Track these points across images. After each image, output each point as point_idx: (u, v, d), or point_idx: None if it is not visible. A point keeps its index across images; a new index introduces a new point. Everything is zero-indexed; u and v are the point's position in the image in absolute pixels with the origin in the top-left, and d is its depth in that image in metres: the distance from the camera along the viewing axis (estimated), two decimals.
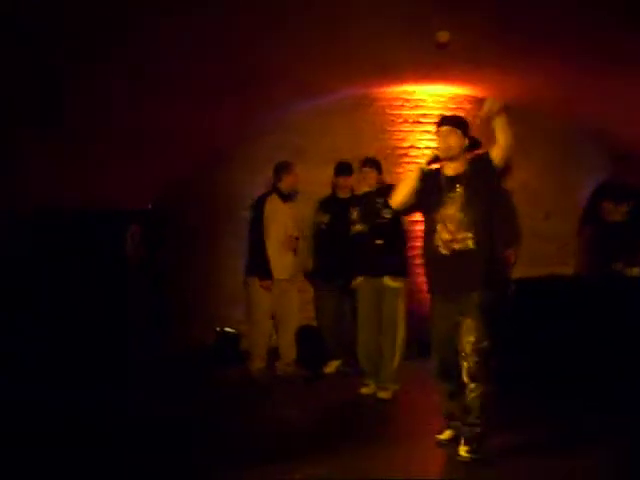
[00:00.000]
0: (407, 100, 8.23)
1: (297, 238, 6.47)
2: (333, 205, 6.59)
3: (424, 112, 8.26)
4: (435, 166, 4.21)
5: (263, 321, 6.35)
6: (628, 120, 7.34)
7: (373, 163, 5.65)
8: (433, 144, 8.07)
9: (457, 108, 8.28)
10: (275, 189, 6.47)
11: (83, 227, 6.17)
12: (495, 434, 4.01)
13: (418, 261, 7.84)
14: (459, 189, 4.03)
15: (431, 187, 4.15)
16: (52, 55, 4.51)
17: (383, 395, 5.46)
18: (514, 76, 7.17)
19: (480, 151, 4.40)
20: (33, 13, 3.96)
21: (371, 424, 4.87)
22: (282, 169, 6.48)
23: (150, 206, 6.96)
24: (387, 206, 5.00)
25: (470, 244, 3.97)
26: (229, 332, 7.22)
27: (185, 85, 5.82)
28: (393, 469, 3.79)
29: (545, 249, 7.37)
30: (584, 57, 6.20)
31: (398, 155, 8.22)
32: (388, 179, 7.95)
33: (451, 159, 4.11)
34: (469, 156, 4.18)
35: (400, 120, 8.24)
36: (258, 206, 6.40)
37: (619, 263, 5.62)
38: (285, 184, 6.43)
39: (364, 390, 5.60)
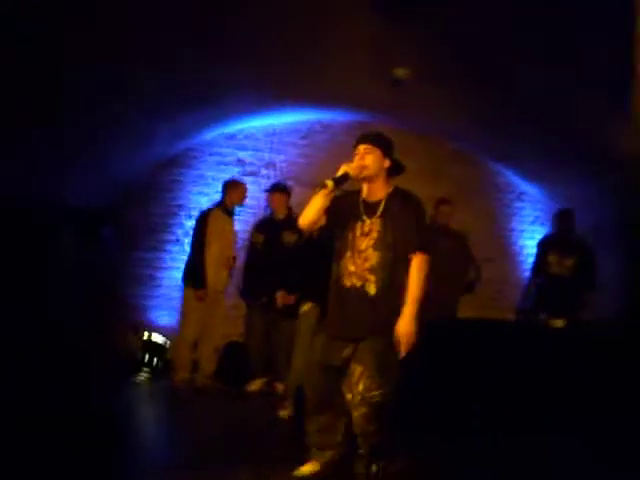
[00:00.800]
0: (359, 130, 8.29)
1: (234, 257, 6.62)
2: (268, 226, 6.69)
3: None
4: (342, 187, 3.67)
5: (190, 331, 6.39)
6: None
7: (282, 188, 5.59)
8: None
9: (411, 145, 8.40)
10: (221, 204, 6.57)
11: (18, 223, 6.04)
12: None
13: None
14: (376, 220, 3.63)
15: (346, 209, 3.72)
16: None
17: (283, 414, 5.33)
18: (465, 117, 7.33)
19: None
20: None
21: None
22: (230, 185, 6.65)
23: (88, 205, 6.85)
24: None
25: (372, 289, 3.58)
26: (155, 342, 7.12)
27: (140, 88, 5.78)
28: None
29: (481, 293, 7.49)
30: (534, 102, 6.36)
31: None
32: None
33: (366, 180, 3.69)
34: (391, 184, 3.74)
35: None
36: (202, 219, 6.50)
37: (544, 313, 5.79)
38: (230, 199, 6.56)
39: (282, 413, 5.33)
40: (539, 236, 7.72)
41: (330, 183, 3.56)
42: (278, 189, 6.40)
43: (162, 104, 6.10)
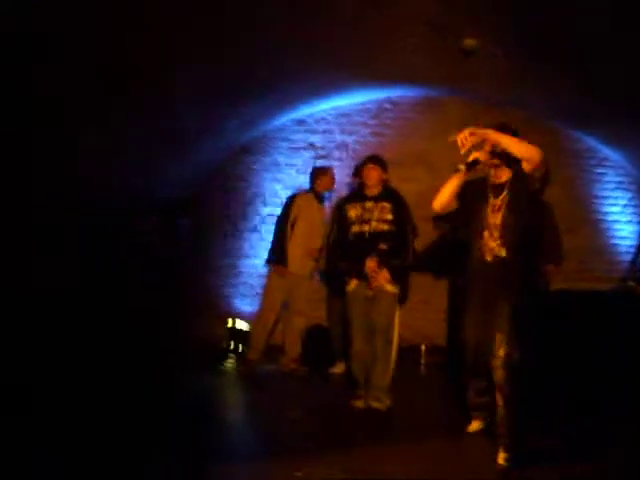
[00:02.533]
0: (431, 106, 8.19)
1: (321, 249, 6.64)
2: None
3: (447, 118, 8.21)
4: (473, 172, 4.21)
5: (269, 312, 6.53)
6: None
7: (376, 160, 5.25)
8: (453, 150, 8.20)
9: (481, 117, 8.23)
10: (311, 189, 6.72)
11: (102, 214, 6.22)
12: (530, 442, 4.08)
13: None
14: (504, 198, 4.08)
15: (476, 194, 4.20)
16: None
17: (377, 405, 5.06)
18: (545, 89, 7.14)
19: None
20: None
21: (377, 426, 4.79)
22: (318, 171, 6.80)
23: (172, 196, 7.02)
24: (393, 209, 5.00)
25: (505, 254, 4.02)
26: (239, 329, 7.24)
27: (211, 83, 5.83)
28: (399, 470, 3.79)
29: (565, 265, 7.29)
30: (620, 74, 6.14)
31: (420, 160, 8.18)
32: (412, 184, 8.05)
33: (495, 165, 4.14)
34: (514, 166, 4.13)
35: (425, 125, 8.20)
36: (290, 200, 6.68)
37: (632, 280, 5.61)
38: (320, 185, 6.69)
39: (358, 403, 5.14)
40: (623, 202, 7.46)
41: (463, 167, 4.09)
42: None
43: (230, 93, 6.12)
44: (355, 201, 5.21)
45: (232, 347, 7.12)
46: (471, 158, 4.08)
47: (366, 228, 5.03)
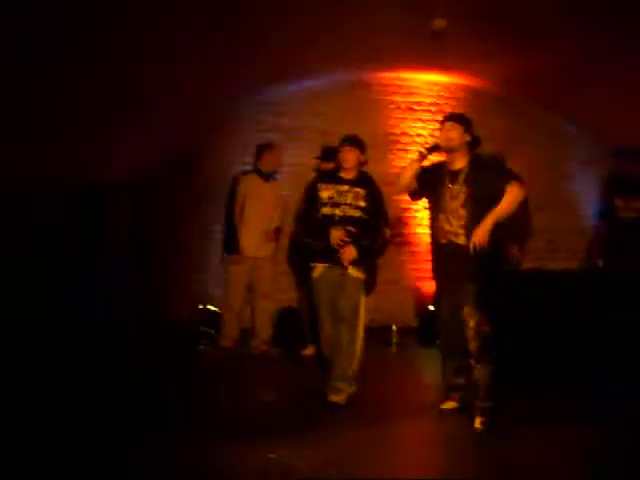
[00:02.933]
0: (401, 87, 8.21)
1: (278, 229, 6.47)
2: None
3: (417, 99, 8.26)
4: (435, 156, 4.44)
5: (234, 299, 6.40)
6: (627, 115, 7.36)
7: (354, 141, 4.93)
8: (424, 132, 8.26)
9: (450, 97, 8.30)
10: (255, 168, 6.48)
11: (69, 198, 6.15)
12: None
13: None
14: (461, 184, 4.30)
15: (434, 178, 4.41)
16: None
17: (336, 398, 4.69)
18: (510, 67, 7.16)
19: (480, 150, 4.53)
20: None
21: (349, 408, 4.70)
22: (263, 148, 6.50)
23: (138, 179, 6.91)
24: (366, 196, 4.82)
25: (461, 240, 4.26)
26: (211, 310, 7.19)
27: (181, 56, 5.74)
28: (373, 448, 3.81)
29: (533, 244, 7.35)
30: (582, 50, 6.18)
31: (389, 141, 8.21)
32: (380, 165, 8.05)
33: (451, 151, 4.36)
34: (470, 153, 4.40)
35: (393, 106, 8.22)
36: (233, 184, 6.45)
37: (599, 259, 5.66)
38: (265, 163, 6.43)
39: (335, 398, 4.74)
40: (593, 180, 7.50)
41: (424, 151, 4.34)
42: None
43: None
44: (329, 182, 4.94)
45: (206, 330, 7.03)
46: (432, 143, 4.36)
47: (337, 211, 4.81)
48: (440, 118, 7.93)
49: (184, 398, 4.87)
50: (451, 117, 4.49)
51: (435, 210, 4.43)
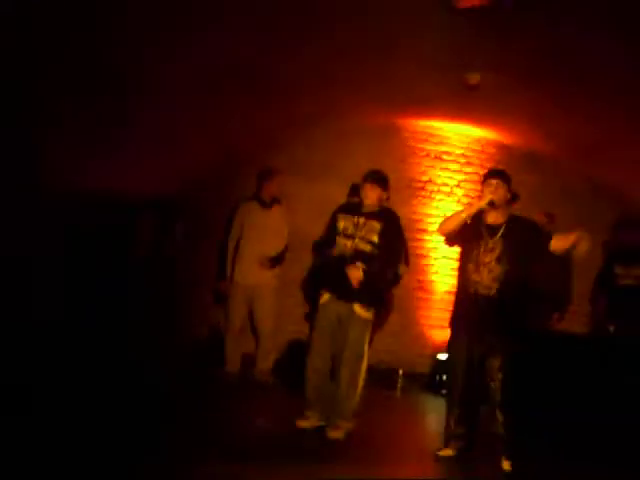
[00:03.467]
0: (432, 135, 8.30)
1: (276, 257, 6.47)
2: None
3: (447, 149, 8.33)
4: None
5: (233, 325, 6.43)
6: None
7: (376, 178, 4.94)
8: (451, 181, 8.34)
9: (480, 151, 8.36)
10: (255, 196, 6.54)
11: (95, 214, 6.22)
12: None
13: (419, 295, 8.11)
14: (499, 239, 4.43)
15: (471, 229, 4.52)
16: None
17: (335, 434, 4.70)
18: (541, 127, 7.25)
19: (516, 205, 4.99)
20: None
21: (349, 445, 4.72)
22: (263, 176, 6.56)
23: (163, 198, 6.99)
24: (382, 231, 4.76)
25: (496, 295, 4.36)
26: (220, 332, 7.21)
27: (218, 87, 5.88)
28: None
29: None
30: (614, 116, 6.24)
31: (415, 187, 8.28)
32: (403, 209, 8.11)
33: (496, 207, 4.47)
34: (509, 210, 4.59)
35: (422, 154, 8.30)
36: (233, 211, 6.57)
37: (612, 325, 5.66)
38: (265, 191, 6.49)
39: (303, 423, 4.82)
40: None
41: (483, 205, 4.44)
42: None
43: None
44: (347, 212, 4.96)
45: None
46: (489, 199, 4.44)
47: (349, 244, 4.79)
48: (469, 170, 8.19)
49: (183, 421, 4.86)
50: (498, 174, 4.60)
51: (465, 260, 4.54)
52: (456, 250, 7.90)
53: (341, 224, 4.89)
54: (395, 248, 4.90)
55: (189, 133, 6.42)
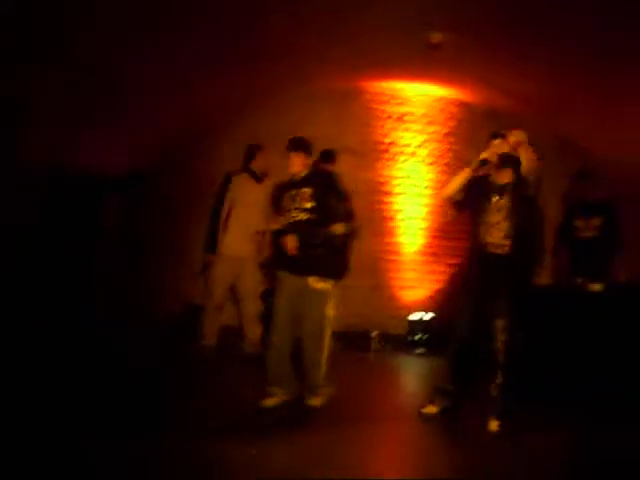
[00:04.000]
0: (393, 97, 8.29)
1: (264, 231, 6.43)
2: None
3: (409, 110, 8.34)
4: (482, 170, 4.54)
5: (215, 297, 6.34)
6: (600, 136, 7.53)
7: (298, 146, 4.76)
8: (414, 142, 8.36)
9: (442, 109, 8.38)
10: (246, 169, 6.44)
11: (59, 193, 6.13)
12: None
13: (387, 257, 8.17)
14: (506, 198, 4.43)
15: (479, 191, 4.52)
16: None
17: (313, 402, 4.66)
18: (500, 84, 7.28)
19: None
20: None
21: (327, 410, 4.68)
22: (255, 148, 6.43)
23: (129, 174, 6.90)
24: (314, 195, 4.62)
25: (508, 250, 4.37)
26: (198, 306, 7.19)
27: (175, 55, 5.79)
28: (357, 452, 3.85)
29: None
30: (572, 73, 6.30)
31: (379, 150, 8.29)
32: (368, 173, 8.14)
33: (499, 168, 4.46)
34: (514, 169, 4.50)
35: (384, 115, 8.30)
36: (224, 183, 6.39)
37: (582, 278, 5.74)
38: (257, 164, 6.40)
39: (268, 402, 4.63)
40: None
41: (477, 163, 4.45)
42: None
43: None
44: (287, 188, 4.83)
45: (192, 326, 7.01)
46: (482, 157, 4.46)
47: (287, 217, 4.71)
48: (431, 129, 8.22)
49: (169, 397, 4.86)
50: (499, 134, 4.58)
51: (477, 223, 4.53)
52: (425, 210, 8.25)
53: (284, 201, 4.82)
54: (329, 207, 4.67)
55: (154, 106, 6.32)
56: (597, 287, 5.44)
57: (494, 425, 4.25)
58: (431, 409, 4.54)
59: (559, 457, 3.92)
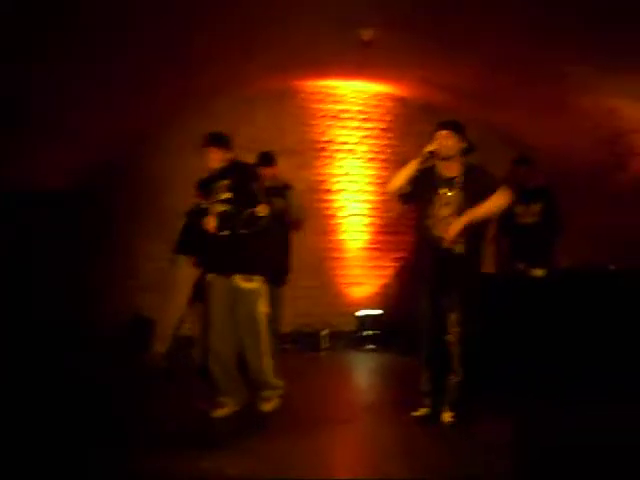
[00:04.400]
0: (328, 95, 8.30)
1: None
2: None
3: (345, 107, 8.37)
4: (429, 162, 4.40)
5: (175, 303, 6.15)
6: (533, 126, 7.70)
7: (213, 140, 4.68)
8: (351, 139, 8.39)
9: (378, 105, 8.43)
10: None
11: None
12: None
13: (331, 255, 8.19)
14: (454, 191, 4.30)
15: (426, 183, 4.37)
16: None
17: (267, 407, 4.56)
18: (434, 79, 7.36)
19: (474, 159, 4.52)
20: None
21: (280, 414, 4.58)
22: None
23: (66, 189, 6.73)
24: (231, 186, 4.53)
25: (458, 248, 4.25)
26: (143, 317, 7.07)
27: (108, 68, 5.68)
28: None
29: None
30: (507, 63, 6.39)
31: (317, 149, 8.29)
32: (307, 172, 8.13)
33: (446, 159, 4.33)
34: (463, 161, 4.39)
35: (321, 114, 8.31)
36: None
37: (522, 263, 5.84)
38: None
39: (219, 412, 4.52)
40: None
41: (425, 155, 4.31)
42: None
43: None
44: (207, 185, 4.73)
45: (137, 337, 6.87)
46: (429, 149, 4.30)
47: (207, 213, 4.57)
48: (368, 125, 8.26)
49: (118, 409, 4.76)
50: (446, 125, 4.40)
51: (423, 216, 4.38)
52: (366, 207, 8.29)
53: (204, 201, 4.70)
54: (250, 193, 4.56)
55: (84, 117, 6.19)
56: (539, 272, 5.53)
57: (447, 416, 4.25)
58: (422, 411, 4.42)
59: (510, 446, 3.83)
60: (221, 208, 4.49)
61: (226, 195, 4.50)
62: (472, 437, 4.07)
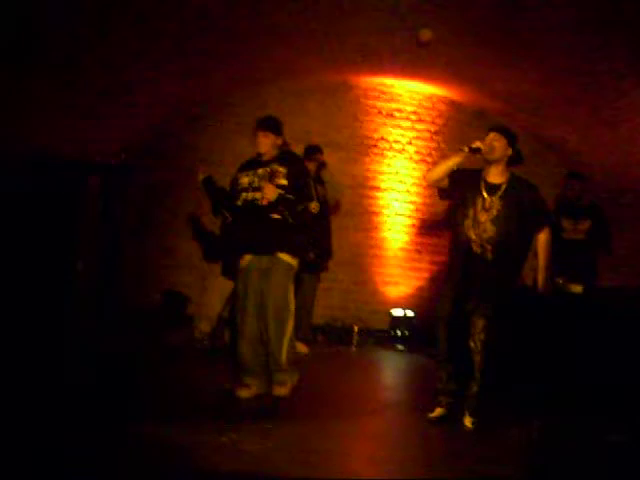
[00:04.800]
0: (383, 92, 8.30)
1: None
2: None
3: (398, 106, 8.35)
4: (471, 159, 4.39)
5: (224, 282, 6.11)
6: (588, 143, 7.59)
7: (267, 126, 4.70)
8: (403, 139, 8.39)
9: (431, 107, 8.41)
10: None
11: (40, 176, 6.08)
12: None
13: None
14: (498, 199, 4.30)
15: (470, 183, 4.38)
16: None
17: (280, 391, 4.52)
18: (488, 86, 7.32)
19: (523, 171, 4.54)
20: None
21: (302, 400, 4.63)
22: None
23: (113, 161, 6.85)
24: (288, 174, 4.56)
25: (489, 256, 4.26)
26: (176, 293, 7.18)
27: (164, 47, 5.78)
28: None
29: None
30: (564, 76, 6.34)
31: (367, 145, 8.30)
32: (356, 167, 8.16)
33: (491, 162, 4.35)
34: (510, 170, 4.40)
35: (374, 111, 8.31)
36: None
37: (562, 277, 5.77)
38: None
39: (244, 393, 4.58)
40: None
41: (466, 149, 4.31)
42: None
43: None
44: (249, 169, 4.72)
45: (170, 314, 7.00)
46: (475, 145, 4.30)
47: (258, 195, 4.55)
48: (420, 127, 8.26)
49: (148, 384, 4.85)
50: (496, 127, 4.45)
51: (462, 216, 4.38)
52: (411, 207, 8.28)
53: (244, 180, 4.69)
54: (303, 187, 4.64)
55: (139, 95, 6.31)
56: (577, 289, 5.47)
57: (468, 421, 4.26)
58: (439, 412, 4.42)
59: (530, 451, 3.91)
60: (277, 191, 4.50)
61: (282, 182, 4.54)
62: (490, 438, 4.11)
